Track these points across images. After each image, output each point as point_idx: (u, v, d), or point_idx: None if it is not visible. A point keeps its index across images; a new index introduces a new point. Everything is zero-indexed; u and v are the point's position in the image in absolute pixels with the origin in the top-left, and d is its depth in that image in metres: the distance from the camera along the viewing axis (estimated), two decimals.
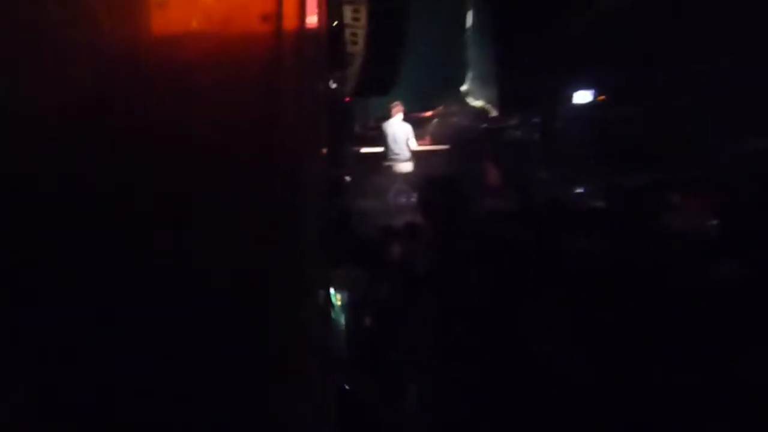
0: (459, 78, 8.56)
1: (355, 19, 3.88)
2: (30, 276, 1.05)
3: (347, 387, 2.15)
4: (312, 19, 1.37)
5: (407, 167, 7.47)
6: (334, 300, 2.51)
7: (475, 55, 8.33)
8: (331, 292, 2.43)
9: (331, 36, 3.08)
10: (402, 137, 7.51)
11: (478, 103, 8.15)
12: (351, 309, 2.66)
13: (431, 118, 8.33)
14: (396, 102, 7.46)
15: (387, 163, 7.53)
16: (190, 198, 1.15)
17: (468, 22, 8.45)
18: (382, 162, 7.53)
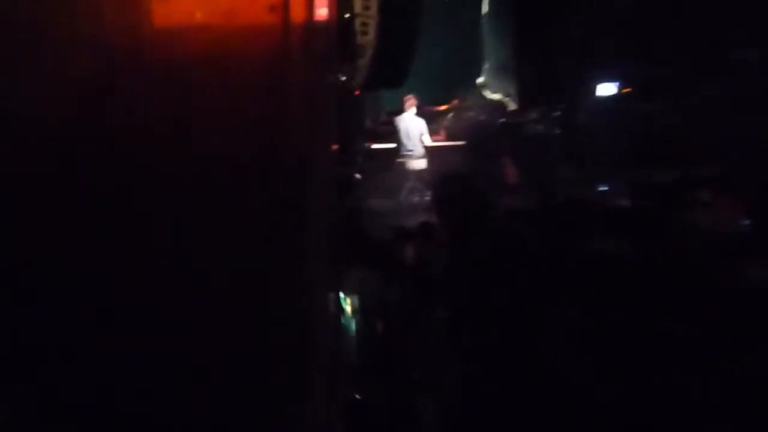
0: (475, 70, 8.32)
1: (366, 9, 3.77)
2: (30, 276, 1.06)
3: (357, 394, 2.13)
4: (321, 10, 1.35)
5: (421, 164, 7.32)
6: (344, 303, 2.48)
7: (493, 46, 7.97)
8: (341, 295, 2.40)
9: (341, 26, 3.03)
10: (415, 132, 7.36)
11: (495, 97, 7.85)
12: (362, 313, 2.62)
13: (446, 112, 8.19)
14: (409, 95, 7.35)
15: (400, 160, 7.38)
16: (190, 198, 1.14)
17: (485, 9, 8.31)
18: (394, 159, 7.39)
